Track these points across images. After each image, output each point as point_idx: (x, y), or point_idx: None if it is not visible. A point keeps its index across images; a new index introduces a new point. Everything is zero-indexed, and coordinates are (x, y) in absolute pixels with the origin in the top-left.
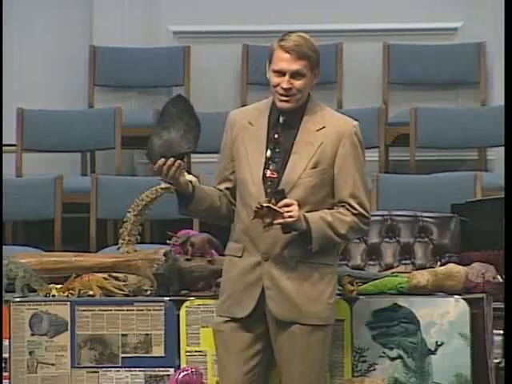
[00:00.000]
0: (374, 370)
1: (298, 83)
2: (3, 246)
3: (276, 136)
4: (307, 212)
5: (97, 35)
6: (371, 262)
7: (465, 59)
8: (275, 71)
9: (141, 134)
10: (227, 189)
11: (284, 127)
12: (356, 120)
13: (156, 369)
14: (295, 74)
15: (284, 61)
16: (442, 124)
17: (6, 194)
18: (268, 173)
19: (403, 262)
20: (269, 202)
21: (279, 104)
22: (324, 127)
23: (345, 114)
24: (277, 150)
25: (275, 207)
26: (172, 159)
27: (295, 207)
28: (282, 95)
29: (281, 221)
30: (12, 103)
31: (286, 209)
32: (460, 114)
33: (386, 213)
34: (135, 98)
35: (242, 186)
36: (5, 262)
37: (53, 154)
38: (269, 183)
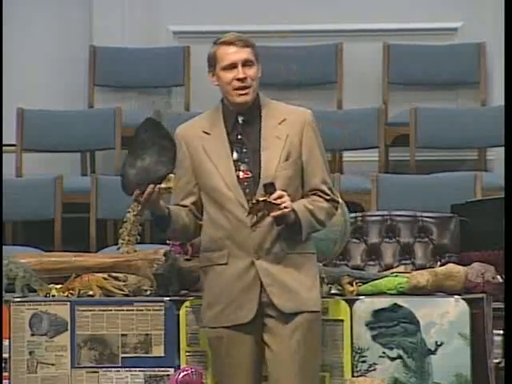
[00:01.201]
0: (374, 370)
1: (250, 71)
2: (3, 246)
3: (239, 137)
4: None
5: (97, 35)
6: (371, 262)
7: (465, 59)
8: (225, 67)
9: None
10: (193, 203)
11: (244, 127)
12: (356, 120)
13: (156, 369)
14: (246, 63)
15: (232, 53)
16: (442, 124)
17: (6, 194)
18: (241, 174)
19: (403, 262)
20: (262, 196)
21: (239, 99)
22: (285, 119)
23: (345, 114)
24: (244, 150)
25: (272, 200)
26: (151, 186)
27: (287, 198)
28: (239, 89)
29: (279, 212)
30: (12, 103)
31: (280, 200)
32: (460, 114)
33: (385, 213)
34: (135, 97)
35: (216, 193)
36: (5, 262)
37: (53, 154)
38: (245, 184)
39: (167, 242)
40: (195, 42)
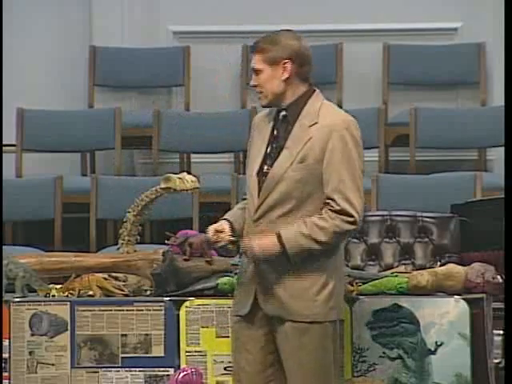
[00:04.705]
0: (374, 370)
1: (258, 79)
2: (3, 246)
3: (275, 132)
4: (292, 208)
5: (97, 35)
6: (371, 262)
7: (465, 59)
8: None
9: (141, 134)
10: None
11: (283, 123)
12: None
13: (156, 369)
14: (255, 71)
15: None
16: (442, 124)
17: (6, 194)
18: (265, 168)
19: (403, 262)
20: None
21: (259, 102)
22: (316, 123)
23: None
24: (274, 145)
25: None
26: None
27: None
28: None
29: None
30: (12, 103)
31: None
32: (460, 114)
33: (385, 213)
34: (135, 97)
35: (247, 181)
36: (5, 262)
37: (53, 154)
38: (263, 177)
39: (166, 241)
40: (195, 42)
